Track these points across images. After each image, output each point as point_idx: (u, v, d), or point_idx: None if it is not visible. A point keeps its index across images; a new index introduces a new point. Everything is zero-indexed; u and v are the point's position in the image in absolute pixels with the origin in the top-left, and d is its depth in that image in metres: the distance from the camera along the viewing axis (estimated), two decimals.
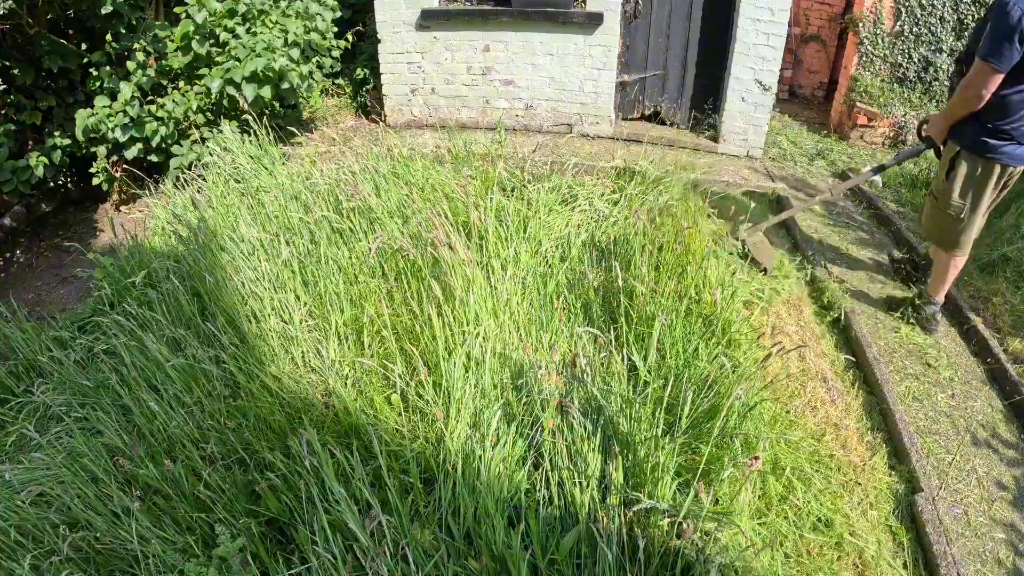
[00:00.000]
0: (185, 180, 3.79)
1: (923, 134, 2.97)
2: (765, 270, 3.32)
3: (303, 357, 2.36)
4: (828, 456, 2.31)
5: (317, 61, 4.65)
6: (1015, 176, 2.69)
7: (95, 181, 4.09)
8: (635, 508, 1.68)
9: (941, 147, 2.85)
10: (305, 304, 2.57)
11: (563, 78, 4.92)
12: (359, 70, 5.60)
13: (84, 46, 4.09)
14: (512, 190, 3.51)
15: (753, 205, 3.85)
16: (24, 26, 3.71)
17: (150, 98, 4.05)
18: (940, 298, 3.06)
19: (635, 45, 4.95)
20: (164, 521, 1.87)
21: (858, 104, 5.46)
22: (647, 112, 5.28)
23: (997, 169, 2.62)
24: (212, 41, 4.11)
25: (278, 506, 1.89)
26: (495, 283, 2.47)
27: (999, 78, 2.39)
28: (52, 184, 4.16)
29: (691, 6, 4.70)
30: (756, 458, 1.58)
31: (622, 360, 2.15)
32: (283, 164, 3.94)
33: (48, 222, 4.37)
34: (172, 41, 4.10)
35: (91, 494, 1.90)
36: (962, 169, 2.68)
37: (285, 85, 4.08)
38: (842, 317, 3.05)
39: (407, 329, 2.46)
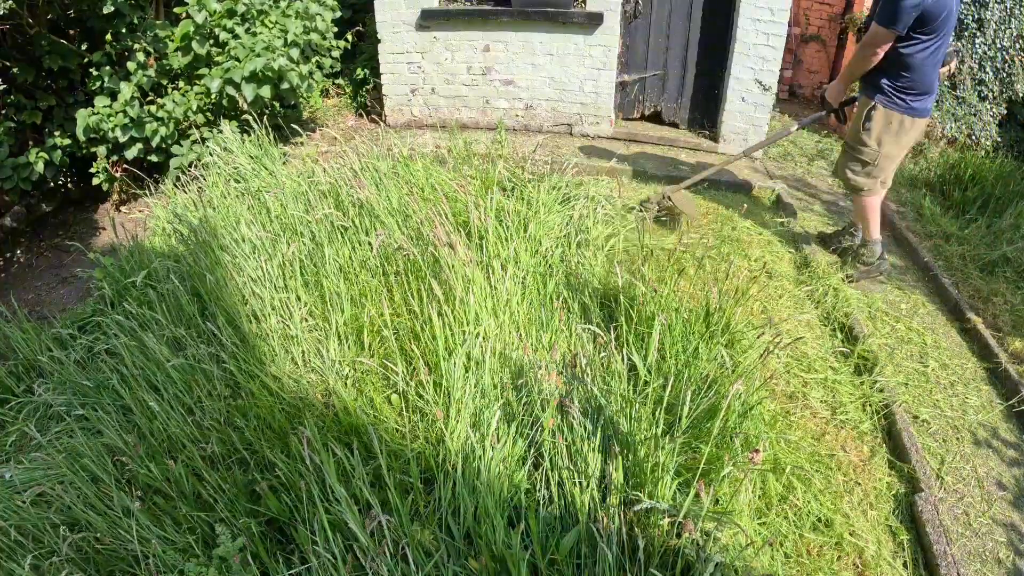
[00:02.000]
0: (185, 180, 3.79)
1: (823, 98, 3.34)
2: (689, 218, 3.69)
3: (303, 357, 2.36)
4: (828, 456, 2.31)
5: (317, 61, 4.65)
6: (922, 127, 3.07)
7: (95, 181, 4.09)
8: (635, 508, 1.68)
9: (836, 110, 3.31)
10: (306, 304, 2.57)
11: (563, 78, 4.92)
12: (359, 70, 5.60)
13: (84, 46, 4.09)
14: (512, 190, 3.51)
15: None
16: (24, 26, 3.71)
17: (150, 98, 4.05)
18: (877, 235, 3.38)
19: (635, 45, 4.95)
20: (164, 521, 1.87)
21: None
22: (647, 112, 5.28)
23: (906, 121, 3.01)
24: (212, 41, 4.11)
25: (278, 506, 1.89)
26: (495, 283, 2.47)
27: (892, 39, 2.81)
28: (52, 184, 4.16)
29: (691, 6, 4.70)
30: (756, 451, 1.57)
31: (622, 360, 2.15)
32: (283, 164, 3.95)
33: (48, 222, 4.37)
34: (172, 41, 4.10)
35: (91, 494, 1.90)
36: (877, 121, 3.05)
37: (285, 85, 4.09)
38: (833, 314, 3.05)
39: (407, 329, 2.46)
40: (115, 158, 4.12)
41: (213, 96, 4.06)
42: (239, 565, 1.68)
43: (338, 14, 4.67)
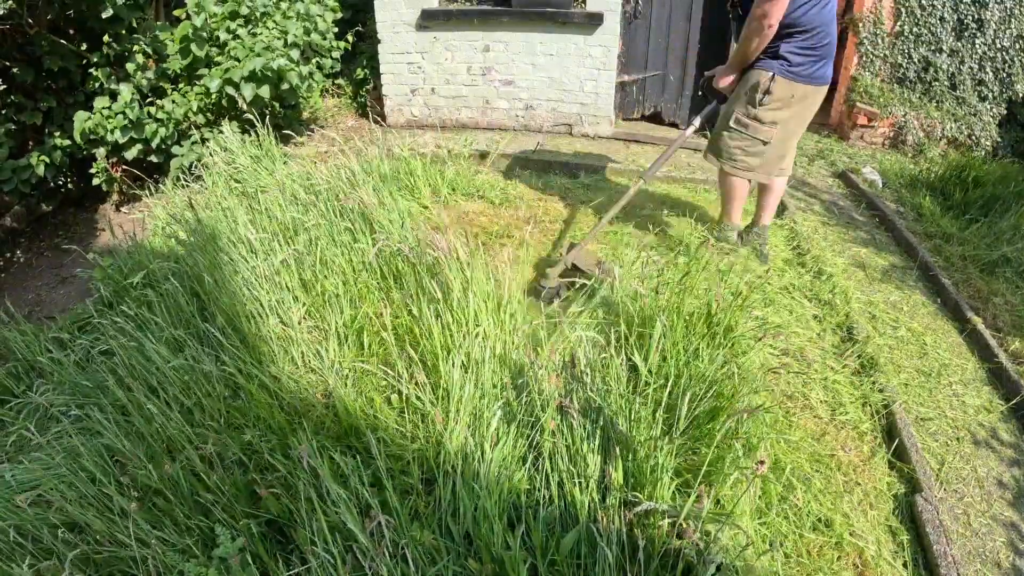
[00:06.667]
0: (185, 180, 3.79)
1: (709, 88, 3.06)
2: (590, 276, 2.82)
3: (303, 357, 2.36)
4: (828, 456, 2.30)
5: (317, 62, 4.65)
6: (822, 96, 2.89)
7: (95, 182, 4.10)
8: (635, 510, 1.67)
9: (727, 98, 3.01)
10: (304, 305, 2.57)
11: (563, 78, 4.92)
12: (359, 70, 5.61)
13: (84, 47, 4.10)
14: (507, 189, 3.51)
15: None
16: (24, 26, 3.71)
17: (150, 99, 4.05)
18: (738, 220, 3.36)
19: (635, 45, 4.95)
20: (164, 522, 1.86)
21: (858, 104, 5.45)
22: (647, 112, 5.28)
23: (809, 91, 2.80)
24: (212, 43, 4.11)
25: (278, 507, 1.89)
26: (493, 283, 2.47)
27: (785, 4, 2.57)
28: (52, 184, 4.17)
29: (691, 6, 4.70)
30: (762, 462, 1.56)
31: (622, 362, 2.15)
32: (283, 164, 3.95)
33: (48, 222, 4.37)
34: (172, 43, 4.10)
35: (90, 495, 1.89)
36: (777, 94, 2.80)
37: (285, 85, 4.09)
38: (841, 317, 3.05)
39: (406, 330, 2.45)
40: (115, 159, 4.13)
41: (213, 96, 4.06)
42: (238, 566, 1.68)
43: (339, 15, 4.67)
